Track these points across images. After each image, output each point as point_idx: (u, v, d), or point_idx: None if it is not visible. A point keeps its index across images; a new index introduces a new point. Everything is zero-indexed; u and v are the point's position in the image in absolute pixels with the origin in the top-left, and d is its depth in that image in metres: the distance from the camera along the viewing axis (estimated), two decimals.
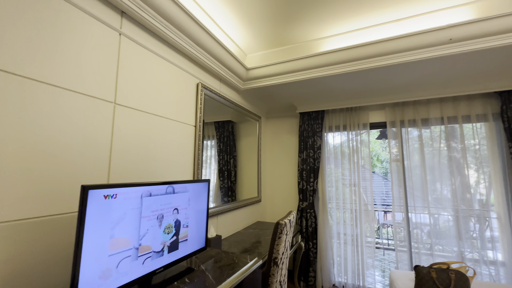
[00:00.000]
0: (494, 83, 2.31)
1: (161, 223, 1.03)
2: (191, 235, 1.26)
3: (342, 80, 2.36)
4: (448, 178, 2.54)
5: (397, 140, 2.77)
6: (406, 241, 2.69)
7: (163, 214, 1.04)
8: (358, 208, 2.85)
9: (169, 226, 1.07)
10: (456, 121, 2.54)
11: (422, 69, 2.10)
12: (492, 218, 2.43)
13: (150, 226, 0.98)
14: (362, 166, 3.01)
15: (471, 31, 1.74)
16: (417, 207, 2.65)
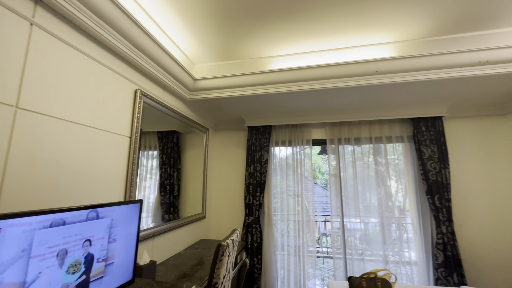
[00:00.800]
0: (408, 111, 2.76)
1: (63, 261, 0.83)
2: (110, 269, 1.06)
3: (288, 98, 2.47)
4: (375, 188, 2.88)
5: (335, 155, 3.02)
6: (342, 249, 2.89)
7: (66, 249, 0.84)
8: (301, 219, 2.96)
9: (76, 263, 0.87)
10: (381, 140, 2.92)
11: (355, 94, 2.36)
12: (408, 223, 2.83)
13: (45, 268, 0.77)
14: (305, 178, 3.18)
15: (392, 67, 2.03)
16: (351, 215, 2.90)
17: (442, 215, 2.51)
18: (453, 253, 2.43)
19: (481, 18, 1.77)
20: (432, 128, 2.70)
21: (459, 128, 2.79)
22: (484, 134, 2.73)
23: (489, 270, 2.49)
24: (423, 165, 2.64)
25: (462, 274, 2.39)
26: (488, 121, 2.76)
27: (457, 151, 2.75)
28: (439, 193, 2.55)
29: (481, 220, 2.59)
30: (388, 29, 1.91)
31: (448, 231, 2.47)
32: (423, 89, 2.25)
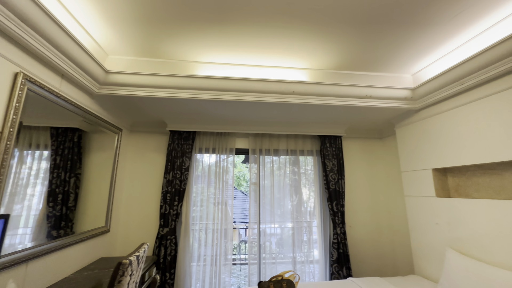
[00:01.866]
0: (317, 129, 3.21)
1: None
2: None
3: (214, 106, 2.46)
4: (290, 195, 3.18)
5: (256, 164, 3.19)
6: (257, 254, 3.03)
7: None
8: (221, 227, 2.94)
9: None
10: (296, 153, 3.27)
11: (276, 110, 2.57)
12: (314, 227, 3.23)
13: None
14: (230, 185, 3.20)
15: (306, 89, 2.33)
16: (269, 221, 3.09)
17: (338, 218, 2.99)
18: (343, 250, 2.91)
19: (369, 62, 2.26)
20: (334, 145, 3.22)
21: (352, 146, 3.44)
22: (368, 153, 3.46)
23: (367, 261, 3.10)
24: (326, 176, 3.10)
25: (349, 267, 2.88)
26: (371, 143, 3.51)
27: (350, 165, 3.36)
28: (336, 200, 3.04)
29: (364, 221, 3.23)
30: (305, 57, 2.19)
31: (341, 231, 2.96)
32: (329, 112, 2.66)
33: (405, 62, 2.25)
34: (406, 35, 1.87)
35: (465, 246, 2.05)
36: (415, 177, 2.61)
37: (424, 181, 2.48)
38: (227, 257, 2.96)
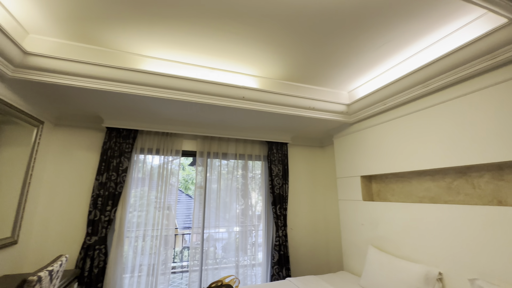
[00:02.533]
0: (266, 135, 3.32)
1: None
2: None
3: (159, 104, 2.32)
4: (238, 199, 3.19)
5: (203, 167, 3.10)
6: (199, 260, 2.93)
7: None
8: (160, 234, 2.75)
9: None
10: (244, 158, 3.31)
11: (226, 113, 2.57)
12: (259, 230, 3.30)
13: None
14: (176, 188, 3.04)
15: (256, 96, 2.40)
16: (217, 226, 3.02)
17: (280, 221, 3.13)
18: (284, 252, 3.06)
19: (314, 77, 2.46)
20: (280, 151, 3.38)
21: (296, 153, 3.67)
22: (310, 160, 3.74)
23: (305, 261, 3.31)
24: (272, 181, 3.22)
25: (288, 268, 3.03)
26: (313, 151, 3.81)
27: (294, 170, 3.57)
28: (280, 203, 3.18)
29: (303, 223, 3.45)
30: (255, 64, 2.25)
31: (283, 234, 3.10)
32: (276, 119, 2.79)
33: (343, 80, 2.53)
34: (344, 58, 2.10)
35: (383, 243, 2.38)
36: (347, 183, 2.93)
37: (354, 187, 2.80)
38: (167, 266, 2.78)
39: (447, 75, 1.82)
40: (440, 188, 2.07)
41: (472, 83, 1.75)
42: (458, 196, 1.93)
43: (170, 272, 2.90)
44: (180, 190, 10.10)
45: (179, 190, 10.14)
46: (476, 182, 1.82)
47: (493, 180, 1.73)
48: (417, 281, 1.87)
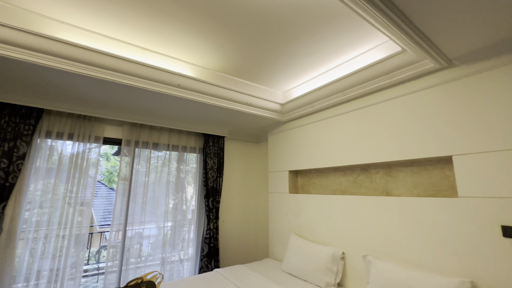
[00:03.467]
0: (202, 127, 3.25)
1: None
2: None
3: (75, 81, 1.97)
4: (173, 193, 3.01)
5: (130, 158, 2.81)
6: (119, 260, 2.66)
7: None
8: (69, 233, 2.37)
9: None
10: (178, 149, 3.16)
11: (158, 100, 2.38)
12: (193, 224, 3.21)
13: None
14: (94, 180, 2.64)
15: (192, 85, 2.31)
16: (139, 222, 2.78)
17: (212, 214, 3.14)
18: (214, 244, 3.08)
19: (252, 74, 2.52)
20: (216, 144, 3.36)
21: (233, 147, 3.73)
22: (246, 154, 3.86)
23: (235, 252, 3.42)
24: (206, 174, 3.19)
25: (218, 259, 3.07)
26: (249, 146, 3.94)
27: (229, 164, 3.62)
28: (213, 196, 3.18)
29: (236, 216, 3.55)
30: (194, 52, 2.16)
31: (214, 227, 3.11)
32: (214, 112, 2.76)
33: (279, 81, 2.69)
34: (281, 60, 2.23)
35: (302, 230, 2.67)
36: (277, 177, 3.15)
37: (283, 180, 3.04)
38: (78, 269, 2.42)
39: (359, 87, 2.16)
40: (349, 182, 2.45)
41: (376, 96, 2.13)
42: (360, 189, 2.33)
43: (82, 276, 2.54)
44: (101, 183, 8.89)
45: (100, 183, 8.91)
46: (373, 177, 2.24)
47: (384, 175, 2.16)
48: (326, 261, 2.18)
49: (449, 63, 1.67)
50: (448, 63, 1.67)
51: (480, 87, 1.55)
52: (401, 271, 1.68)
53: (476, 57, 1.56)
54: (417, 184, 1.92)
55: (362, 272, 2.03)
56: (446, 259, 1.58)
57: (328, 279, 2.12)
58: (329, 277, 2.12)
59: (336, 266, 2.15)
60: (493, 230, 1.41)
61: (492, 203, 1.43)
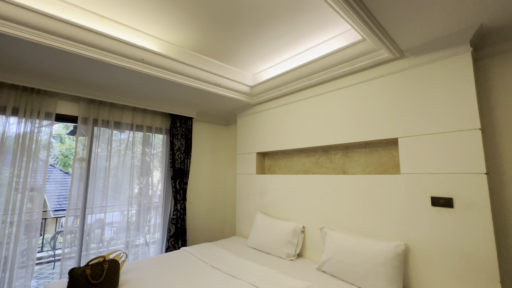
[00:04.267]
0: (169, 107, 3.13)
1: None
2: None
3: (18, 46, 1.75)
4: (138, 178, 2.91)
5: (87, 137, 2.62)
6: (78, 246, 2.55)
7: None
8: (18, 220, 2.19)
9: None
10: (142, 129, 3.02)
11: (120, 75, 2.23)
12: (159, 208, 3.16)
13: None
14: (45, 163, 2.41)
15: (157, 61, 2.19)
16: (104, 207, 2.66)
17: (180, 195, 3.12)
18: (181, 224, 3.09)
19: (221, 53, 2.47)
20: (184, 125, 3.29)
21: (201, 129, 3.68)
22: (215, 136, 3.85)
23: (202, 232, 3.48)
24: (173, 155, 3.12)
25: (185, 239, 3.11)
26: (219, 128, 3.92)
27: (197, 146, 3.59)
28: (180, 178, 3.15)
29: (203, 197, 3.58)
30: (160, 24, 2.04)
31: (181, 207, 3.12)
32: (181, 91, 2.67)
33: (249, 62, 2.68)
34: (250, 41, 2.22)
35: (268, 209, 2.82)
36: (245, 159, 3.22)
37: (250, 162, 3.12)
38: (30, 256, 2.27)
39: (324, 73, 2.27)
40: (311, 163, 2.62)
41: (338, 82, 2.27)
42: (321, 169, 2.52)
43: (35, 264, 2.38)
44: (54, 167, 8.14)
45: (53, 167, 8.16)
46: (333, 158, 2.43)
47: (342, 156, 2.35)
48: (288, 235, 2.36)
49: (401, 54, 1.85)
50: (400, 54, 1.85)
51: (423, 78, 1.75)
52: (351, 239, 1.90)
53: (423, 50, 1.75)
54: (369, 163, 2.15)
55: (319, 243, 2.24)
56: (388, 227, 1.82)
57: (289, 250, 2.30)
58: (290, 248, 2.31)
59: (297, 239, 2.34)
60: (424, 200, 1.66)
61: (425, 178, 1.67)
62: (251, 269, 1.96)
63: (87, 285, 1.54)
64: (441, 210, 1.59)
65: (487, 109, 1.66)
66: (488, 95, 1.67)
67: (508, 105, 1.59)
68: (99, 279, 1.58)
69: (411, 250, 1.70)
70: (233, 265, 2.05)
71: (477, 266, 1.43)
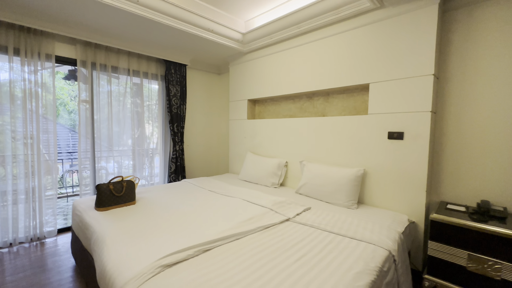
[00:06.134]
0: (163, 53, 3.22)
1: None
2: None
3: None
4: (131, 128, 3.14)
5: (87, 85, 2.77)
6: (92, 185, 2.91)
7: None
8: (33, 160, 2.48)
9: None
10: (139, 75, 3.16)
11: (115, 17, 2.29)
12: (160, 149, 3.50)
13: None
14: (43, 116, 2.58)
15: (154, 4, 2.25)
16: (110, 150, 2.96)
17: (178, 138, 3.46)
18: (180, 163, 3.50)
19: None
20: (178, 72, 3.43)
21: (195, 77, 3.83)
22: (208, 84, 4.02)
23: (199, 170, 3.94)
24: (169, 100, 3.34)
25: (184, 175, 3.56)
26: (212, 77, 4.07)
27: (192, 93, 3.78)
28: (177, 122, 3.43)
29: (199, 141, 3.94)
30: None
31: (179, 149, 3.48)
32: (174, 36, 2.75)
33: (242, 8, 2.72)
34: None
35: (257, 149, 3.22)
36: (237, 106, 3.49)
37: (242, 108, 3.40)
38: (47, 193, 2.61)
39: (312, 21, 2.41)
40: (296, 108, 2.93)
41: (324, 31, 2.43)
42: (305, 113, 2.84)
43: (56, 198, 2.75)
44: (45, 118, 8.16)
45: (48, 118, 8.17)
46: (315, 104, 2.73)
47: (323, 102, 2.66)
48: (273, 168, 2.80)
49: (381, 3, 2.00)
50: (381, 4, 2.01)
51: (396, 28, 1.96)
52: (323, 168, 2.35)
53: (401, 0, 1.91)
54: (345, 107, 2.47)
55: (298, 174, 2.70)
56: (354, 158, 2.25)
57: (274, 180, 2.77)
58: (274, 179, 2.78)
59: (280, 171, 2.80)
60: (383, 135, 2.05)
61: (385, 117, 2.03)
62: (242, 191, 2.42)
63: (111, 196, 1.94)
64: (394, 142, 1.99)
65: (444, 58, 1.94)
66: (448, 45, 1.92)
67: (461, 55, 1.87)
68: (120, 193, 1.98)
69: (367, 173, 2.16)
70: (227, 190, 2.50)
71: (412, 181, 1.90)
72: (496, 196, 1.74)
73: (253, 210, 1.87)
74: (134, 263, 1.14)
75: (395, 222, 1.75)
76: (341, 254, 1.28)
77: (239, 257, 1.22)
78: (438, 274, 1.61)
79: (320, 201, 2.24)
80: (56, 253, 2.31)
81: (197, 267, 1.13)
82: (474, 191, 1.83)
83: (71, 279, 1.90)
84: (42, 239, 2.56)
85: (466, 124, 1.86)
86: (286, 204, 2.02)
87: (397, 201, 1.99)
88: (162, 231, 1.50)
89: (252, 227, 1.56)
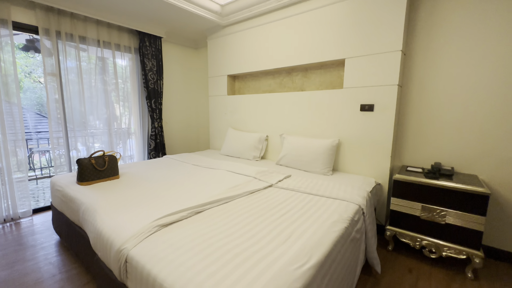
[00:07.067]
0: (136, 23, 3.03)
1: None
2: None
3: None
4: (105, 105, 2.99)
5: (53, 59, 2.54)
6: (67, 164, 2.79)
7: None
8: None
9: None
10: (110, 46, 2.96)
11: None
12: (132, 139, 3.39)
13: None
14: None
15: None
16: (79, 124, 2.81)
17: (156, 114, 3.38)
18: (160, 140, 3.46)
19: None
20: (153, 45, 3.27)
21: (171, 51, 3.68)
22: (185, 59, 3.89)
23: (179, 147, 3.93)
24: (145, 75, 3.21)
25: (165, 152, 3.54)
26: (188, 51, 3.93)
27: (168, 67, 3.65)
28: (155, 98, 3.34)
29: (178, 117, 3.88)
30: None
31: (158, 125, 3.42)
32: (148, 5, 2.60)
33: None
34: None
35: (238, 124, 3.28)
36: (216, 82, 3.46)
37: (221, 84, 3.39)
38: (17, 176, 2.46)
39: None
40: (276, 83, 3.00)
41: (301, 6, 2.46)
42: (284, 89, 2.93)
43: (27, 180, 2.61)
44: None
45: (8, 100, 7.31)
46: (294, 79, 2.83)
47: (302, 77, 2.76)
48: (255, 142, 2.91)
49: None
50: None
51: (370, 5, 2.06)
52: (302, 139, 2.50)
53: None
54: (322, 82, 2.60)
55: (278, 147, 2.85)
56: (330, 129, 2.43)
57: (255, 153, 2.89)
58: (256, 152, 2.90)
59: (261, 145, 2.92)
60: (356, 107, 2.23)
61: (358, 91, 2.20)
62: (225, 164, 2.51)
63: (94, 171, 1.92)
64: (365, 114, 2.18)
65: (412, 34, 2.11)
66: (415, 22, 2.08)
67: (427, 31, 2.04)
68: (103, 168, 1.96)
69: (341, 143, 2.36)
70: (211, 163, 2.57)
71: (379, 148, 2.13)
72: (446, 158, 2.04)
73: (238, 179, 1.99)
74: (130, 225, 1.20)
75: (364, 183, 1.98)
76: (319, 209, 1.46)
77: (229, 216, 1.34)
78: (398, 224, 1.90)
79: (299, 170, 2.42)
80: (36, 231, 2.26)
81: (191, 225, 1.23)
82: (430, 155, 2.11)
83: (57, 253, 1.91)
84: (16, 220, 2.47)
85: (427, 97, 2.09)
86: (268, 173, 2.16)
87: (366, 166, 2.23)
88: (153, 199, 1.56)
89: (239, 192, 1.68)
